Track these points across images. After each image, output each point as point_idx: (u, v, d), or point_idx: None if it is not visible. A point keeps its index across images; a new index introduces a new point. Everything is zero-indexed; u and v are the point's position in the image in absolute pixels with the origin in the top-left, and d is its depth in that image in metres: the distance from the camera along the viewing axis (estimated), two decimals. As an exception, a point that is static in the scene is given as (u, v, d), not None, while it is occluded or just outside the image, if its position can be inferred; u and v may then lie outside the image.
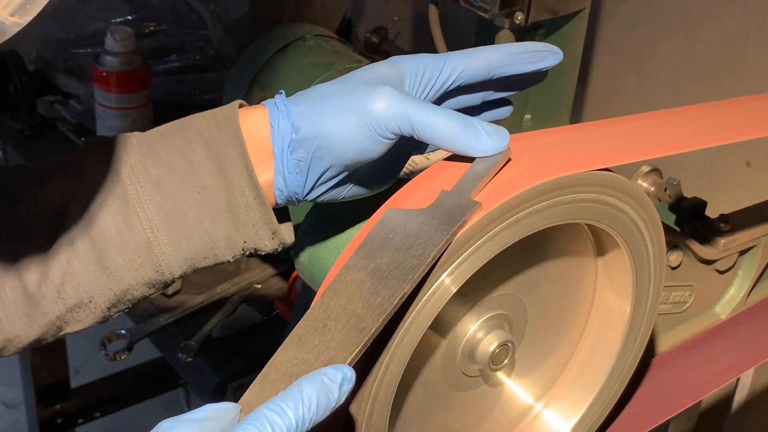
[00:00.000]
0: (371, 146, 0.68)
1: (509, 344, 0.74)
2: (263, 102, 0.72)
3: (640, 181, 0.97)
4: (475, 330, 0.73)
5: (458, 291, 0.64)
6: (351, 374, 0.55)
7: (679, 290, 0.94)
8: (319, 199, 0.73)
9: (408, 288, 0.59)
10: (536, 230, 0.67)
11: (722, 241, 0.95)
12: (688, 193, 1.00)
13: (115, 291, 0.71)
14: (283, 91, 0.72)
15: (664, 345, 0.97)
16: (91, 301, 0.71)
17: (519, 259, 0.73)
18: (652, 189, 0.97)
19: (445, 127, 0.67)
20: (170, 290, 1.27)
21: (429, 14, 1.23)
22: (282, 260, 1.32)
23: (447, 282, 0.64)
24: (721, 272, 0.98)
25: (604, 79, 1.81)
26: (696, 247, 0.92)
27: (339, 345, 0.57)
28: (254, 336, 1.23)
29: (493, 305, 0.74)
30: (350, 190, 0.74)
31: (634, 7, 1.71)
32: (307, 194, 0.72)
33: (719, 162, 1.64)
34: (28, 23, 0.48)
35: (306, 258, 0.82)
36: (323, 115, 0.68)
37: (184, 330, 1.24)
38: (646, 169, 0.97)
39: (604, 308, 0.79)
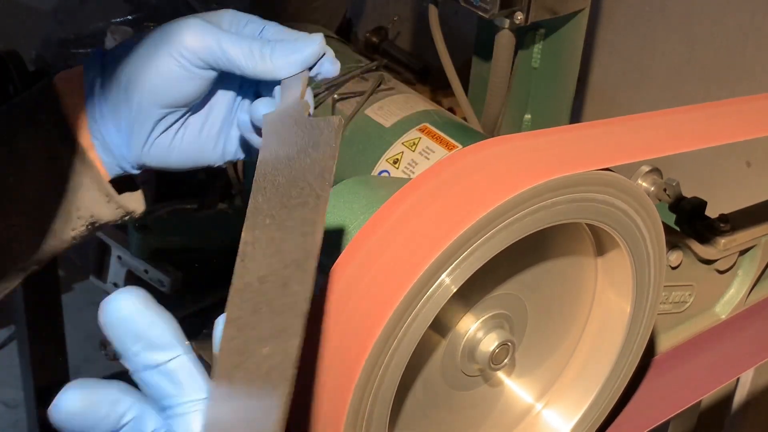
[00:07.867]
0: (185, 83, 0.67)
1: (509, 344, 0.74)
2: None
3: (640, 181, 0.97)
4: (475, 330, 0.73)
5: (458, 291, 0.64)
6: None
7: (679, 290, 0.94)
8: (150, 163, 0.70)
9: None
10: (536, 230, 0.67)
11: (722, 241, 0.95)
12: (688, 193, 1.00)
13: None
14: (100, 47, 0.71)
15: (664, 345, 0.97)
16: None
17: (519, 259, 0.73)
18: (652, 189, 0.97)
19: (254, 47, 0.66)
20: (170, 290, 1.27)
21: (429, 14, 1.23)
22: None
23: (447, 282, 0.64)
24: (721, 272, 0.98)
25: (604, 79, 1.80)
26: (696, 247, 0.92)
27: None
28: (254, 336, 1.23)
29: (493, 305, 0.74)
30: (184, 154, 0.71)
31: (634, 7, 1.71)
32: (137, 151, 0.69)
33: (719, 162, 1.64)
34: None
35: (306, 258, 0.82)
36: (131, 51, 0.67)
37: (184, 330, 1.23)
38: (646, 169, 0.97)
39: (604, 308, 0.79)
